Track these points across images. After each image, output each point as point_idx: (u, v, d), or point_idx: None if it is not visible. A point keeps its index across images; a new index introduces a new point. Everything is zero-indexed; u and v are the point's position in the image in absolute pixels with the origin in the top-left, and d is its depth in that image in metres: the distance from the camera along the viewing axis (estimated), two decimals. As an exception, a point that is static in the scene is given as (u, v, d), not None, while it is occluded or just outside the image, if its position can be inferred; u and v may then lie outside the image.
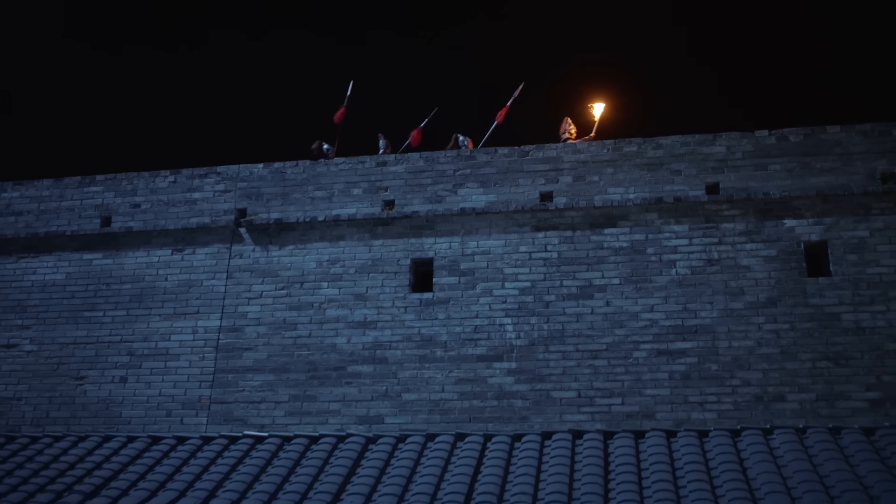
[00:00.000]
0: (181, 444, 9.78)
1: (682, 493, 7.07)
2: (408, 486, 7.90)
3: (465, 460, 8.23)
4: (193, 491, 8.17)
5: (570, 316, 12.05)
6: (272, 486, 8.06)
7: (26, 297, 13.69)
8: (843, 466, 7.23)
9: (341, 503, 7.54)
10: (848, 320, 11.42)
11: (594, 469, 7.74)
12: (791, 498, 6.80)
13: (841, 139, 12.14)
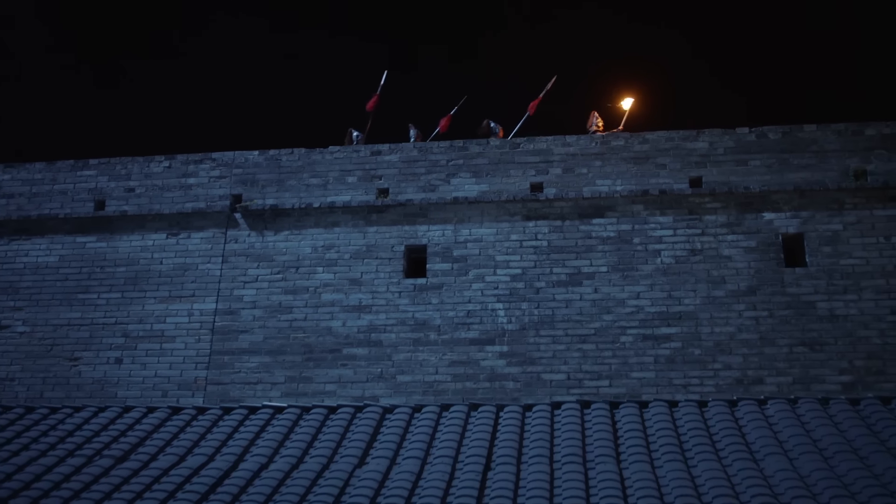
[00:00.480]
0: (176, 414, 10.14)
1: (688, 455, 7.70)
2: (401, 443, 8.45)
3: (453, 426, 8.79)
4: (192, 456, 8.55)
5: (559, 302, 12.66)
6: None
7: (18, 279, 13.93)
8: (833, 431, 7.94)
9: (336, 463, 8.01)
10: (822, 308, 12.19)
11: (573, 432, 8.35)
12: (788, 458, 7.47)
13: (817, 137, 12.95)
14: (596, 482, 7.29)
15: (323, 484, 7.48)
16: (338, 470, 7.85)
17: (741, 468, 7.41)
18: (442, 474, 7.53)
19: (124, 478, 7.85)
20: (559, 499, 6.98)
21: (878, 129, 12.91)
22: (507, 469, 7.60)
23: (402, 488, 7.32)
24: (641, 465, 7.61)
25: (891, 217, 12.53)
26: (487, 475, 7.54)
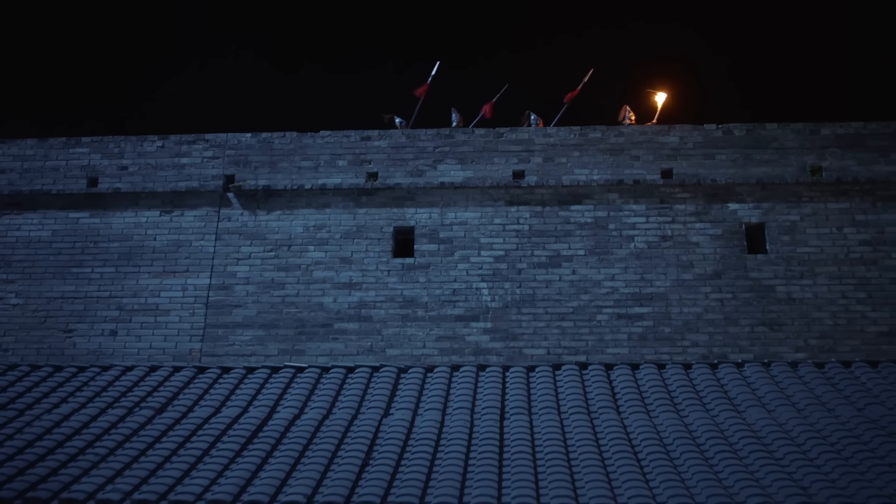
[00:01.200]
0: (178, 373, 10.98)
1: (679, 407, 8.88)
2: (419, 397, 9.47)
3: (465, 383, 9.86)
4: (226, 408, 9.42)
5: (540, 282, 13.80)
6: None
7: (10, 253, 14.52)
8: (802, 388, 9.23)
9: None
10: (781, 292, 13.55)
11: (575, 389, 9.48)
12: (766, 410, 8.71)
13: (778, 135, 14.33)
14: (602, 429, 8.43)
15: (356, 431, 8.47)
16: (367, 419, 8.85)
17: (727, 417, 8.63)
18: (463, 423, 8.58)
19: (168, 426, 8.70)
20: (571, 442, 8.08)
21: (833, 130, 14.34)
22: (520, 418, 8.69)
23: (429, 437, 8.35)
24: (639, 415, 8.77)
25: (843, 210, 13.96)
26: (504, 423, 8.60)
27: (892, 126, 14.39)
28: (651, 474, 7.58)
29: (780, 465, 7.70)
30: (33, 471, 7.91)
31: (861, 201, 13.98)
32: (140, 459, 8.13)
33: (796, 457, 7.83)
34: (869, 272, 13.60)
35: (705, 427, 8.51)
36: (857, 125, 14.45)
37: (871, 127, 14.44)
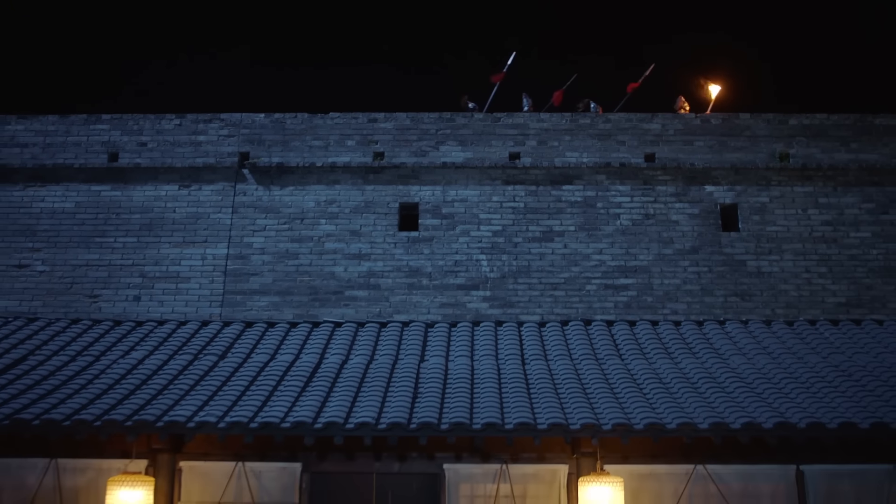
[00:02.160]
0: (205, 327, 12.62)
1: (672, 355, 10.80)
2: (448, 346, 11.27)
3: (487, 335, 11.68)
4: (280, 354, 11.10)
5: (534, 255, 15.65)
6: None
7: (36, 223, 15.96)
8: (776, 341, 11.20)
9: (402, 360, 10.77)
10: (752, 266, 15.56)
11: (582, 340, 11.35)
12: (746, 357, 10.68)
13: (750, 124, 16.35)
14: (610, 372, 10.31)
15: (399, 373, 10.24)
16: (406, 365, 10.62)
17: (713, 363, 10.57)
18: (491, 367, 10.41)
19: (234, 368, 10.39)
20: (585, 381, 9.96)
21: (800, 120, 16.40)
22: (540, 363, 10.54)
23: (464, 376, 10.16)
24: (639, 360, 10.67)
25: (807, 193, 16.02)
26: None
27: (852, 118, 16.50)
28: (654, 402, 9.47)
29: (760, 397, 9.65)
30: (133, 399, 9.55)
31: (823, 186, 16.05)
32: (220, 393, 9.80)
33: (773, 391, 9.78)
34: (829, 249, 15.67)
35: (695, 370, 10.44)
36: (821, 116, 16.54)
37: (834, 118, 16.53)
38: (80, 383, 10.16)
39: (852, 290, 15.30)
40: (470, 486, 9.60)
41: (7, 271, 15.63)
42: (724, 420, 8.93)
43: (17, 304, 15.41)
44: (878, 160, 16.08)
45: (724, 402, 9.47)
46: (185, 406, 9.38)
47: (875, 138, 16.26)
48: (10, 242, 15.84)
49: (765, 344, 11.41)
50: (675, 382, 10.08)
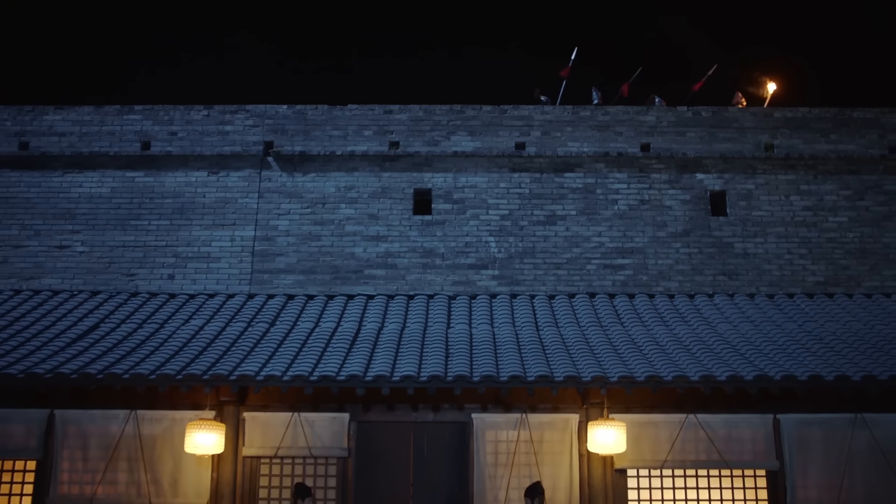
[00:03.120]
0: (251, 299, 14.69)
1: (666, 322, 12.95)
2: (470, 315, 13.35)
3: (503, 306, 13.76)
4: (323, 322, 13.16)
5: (538, 237, 17.76)
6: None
7: (75, 207, 17.93)
8: (757, 311, 13.38)
9: (430, 327, 12.84)
10: (738, 248, 17.73)
11: (588, 310, 13.47)
12: (732, 325, 12.86)
13: (738, 117, 18.51)
14: (613, 336, 12.46)
15: (430, 337, 12.35)
16: (435, 331, 12.73)
17: (703, 329, 12.74)
18: (510, 332, 12.53)
19: (285, 333, 12.46)
20: (592, 343, 12.09)
21: (784, 113, 18.59)
22: (552, 329, 12.68)
23: (486, 340, 12.28)
24: (638, 327, 12.83)
25: (790, 181, 18.20)
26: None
27: (832, 112, 18.72)
28: (652, 360, 11.61)
29: (742, 356, 11.80)
30: (203, 359, 11.60)
31: (805, 174, 18.24)
32: (277, 353, 11.86)
33: (754, 352, 11.95)
34: (810, 233, 17.86)
35: (687, 334, 12.60)
36: (803, 110, 18.74)
37: (815, 112, 18.73)
38: (154, 346, 12.21)
39: (830, 270, 17.50)
40: (494, 433, 11.73)
41: (49, 252, 17.59)
42: (712, 373, 11.06)
43: (59, 282, 17.37)
44: (855, 150, 18.28)
45: (712, 360, 11.61)
46: (249, 363, 11.44)
47: (853, 130, 18.46)
48: (52, 225, 17.79)
49: (748, 314, 13.60)
50: (669, 344, 12.23)
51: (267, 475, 11.88)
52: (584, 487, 11.60)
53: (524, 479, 11.33)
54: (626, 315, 13.65)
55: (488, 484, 11.58)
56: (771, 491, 11.75)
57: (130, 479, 11.73)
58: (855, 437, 11.72)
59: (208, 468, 11.74)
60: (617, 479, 11.70)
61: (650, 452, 11.71)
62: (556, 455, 11.68)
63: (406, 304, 14.18)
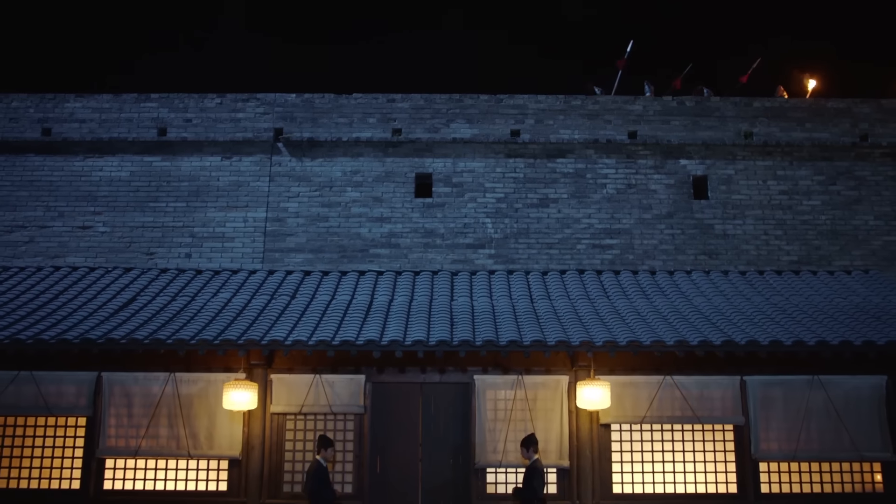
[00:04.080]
0: (272, 275, 16.81)
1: (656, 293, 15.12)
2: (471, 288, 15.46)
3: (500, 281, 15.89)
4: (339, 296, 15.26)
5: (532, 219, 19.90)
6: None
7: (96, 189, 19.98)
8: (731, 286, 15.56)
9: (436, 299, 14.95)
10: (718, 229, 19.91)
11: (577, 284, 15.61)
12: (706, 298, 15.03)
13: (720, 106, 20.67)
14: (599, 307, 14.62)
15: (436, 308, 14.48)
16: (440, 303, 14.86)
17: (681, 302, 14.92)
18: (507, 304, 14.68)
19: (306, 304, 14.58)
20: (581, 314, 14.25)
21: (762, 103, 20.76)
22: (545, 301, 14.84)
23: (486, 310, 14.43)
24: (622, 300, 15.00)
25: (767, 167, 20.38)
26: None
27: (807, 102, 20.92)
28: (633, 328, 13.78)
29: (714, 325, 13.99)
30: (235, 326, 13.72)
31: (781, 160, 20.41)
32: (300, 322, 13.98)
33: (724, 321, 14.13)
34: (785, 215, 20.05)
35: (666, 306, 14.78)
36: (780, 100, 20.93)
37: (792, 102, 20.93)
38: (189, 315, 14.31)
39: (803, 250, 19.71)
40: (494, 392, 13.90)
41: (73, 232, 19.64)
42: (686, 339, 13.23)
43: (82, 261, 19.43)
44: (828, 138, 20.46)
45: (687, 328, 13.78)
46: (277, 330, 13.56)
47: (827, 119, 20.64)
48: (75, 207, 19.84)
49: (721, 288, 15.80)
50: (649, 315, 14.40)
51: (292, 430, 14.02)
52: (573, 439, 13.77)
53: (520, 432, 13.48)
54: (611, 289, 15.81)
55: (488, 437, 13.74)
56: (737, 443, 13.95)
57: (171, 434, 13.85)
58: (811, 396, 13.92)
59: (240, 424, 13.86)
60: (602, 433, 13.88)
61: (631, 409, 13.90)
62: (549, 411, 13.85)
63: (412, 280, 16.27)
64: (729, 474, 13.87)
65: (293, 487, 13.70)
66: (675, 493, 13.78)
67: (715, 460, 13.92)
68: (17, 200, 19.90)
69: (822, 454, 13.84)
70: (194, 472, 13.86)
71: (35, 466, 13.87)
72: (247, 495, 13.62)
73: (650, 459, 13.91)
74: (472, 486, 13.71)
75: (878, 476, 13.88)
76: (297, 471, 13.74)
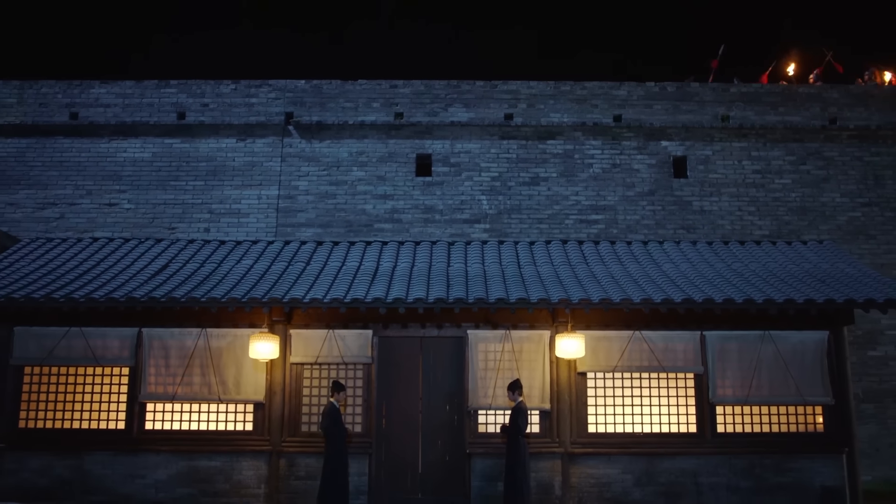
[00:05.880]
0: (287, 245, 19.88)
1: (634, 258, 18.21)
2: (466, 255, 18.55)
3: (492, 248, 18.97)
4: (348, 262, 18.32)
5: (524, 196, 22.98)
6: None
7: (120, 169, 23.08)
8: (697, 254, 18.70)
9: (434, 266, 18.02)
10: (696, 206, 22.99)
11: (576, 251, 18.69)
12: (675, 265, 18.11)
13: (699, 91, 23.72)
14: (578, 271, 17.71)
15: (434, 272, 17.56)
16: (438, 268, 17.95)
17: (651, 268, 18.01)
18: (497, 269, 17.77)
19: (320, 269, 17.69)
20: (562, 277, 17.33)
21: (739, 88, 23.81)
22: (531, 266, 17.94)
23: (478, 274, 17.52)
24: (599, 266, 18.10)
25: (742, 148, 23.43)
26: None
27: (781, 87, 24.00)
28: (607, 288, 16.87)
29: (677, 286, 17.06)
30: (258, 287, 16.83)
31: (756, 142, 23.46)
32: (316, 283, 17.07)
33: (686, 284, 17.20)
34: (758, 193, 23.12)
35: (637, 271, 17.87)
36: (756, 86, 24.01)
37: (766, 87, 24.00)
38: (217, 279, 17.40)
39: (774, 225, 22.78)
40: (485, 345, 16.96)
41: (100, 209, 22.73)
42: (651, 297, 16.28)
43: (109, 235, 22.50)
44: (800, 122, 23.51)
45: (653, 289, 16.84)
46: (296, 290, 16.64)
47: (798, 104, 23.69)
48: (101, 185, 22.94)
49: (689, 256, 18.89)
50: (621, 278, 17.48)
51: (309, 378, 17.10)
52: (554, 386, 16.84)
53: (508, 380, 16.56)
54: (591, 257, 18.90)
55: (480, 384, 16.82)
56: (697, 389, 17.01)
57: (203, 381, 16.93)
58: (763, 349, 16.98)
59: (263, 372, 16.93)
60: (579, 380, 16.94)
61: (605, 360, 16.97)
62: (533, 362, 16.92)
63: (413, 249, 19.34)
64: (689, 416, 16.93)
65: (310, 427, 16.78)
66: (642, 433, 16.84)
67: (677, 404, 16.98)
68: (48, 180, 22.99)
69: (770, 399, 16.90)
70: (224, 415, 16.94)
71: (87, 410, 16.96)
72: (270, 434, 16.69)
73: (621, 403, 16.97)
74: (466, 425, 16.79)
75: (820, 418, 16.95)
76: (314, 413, 16.83)
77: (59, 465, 16.60)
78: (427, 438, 17.01)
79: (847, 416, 16.82)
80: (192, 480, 16.49)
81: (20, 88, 23.65)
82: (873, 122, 23.57)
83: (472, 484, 16.48)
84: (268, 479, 16.50)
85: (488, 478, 16.43)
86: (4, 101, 23.52)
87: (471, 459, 16.58)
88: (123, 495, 16.42)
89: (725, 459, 16.58)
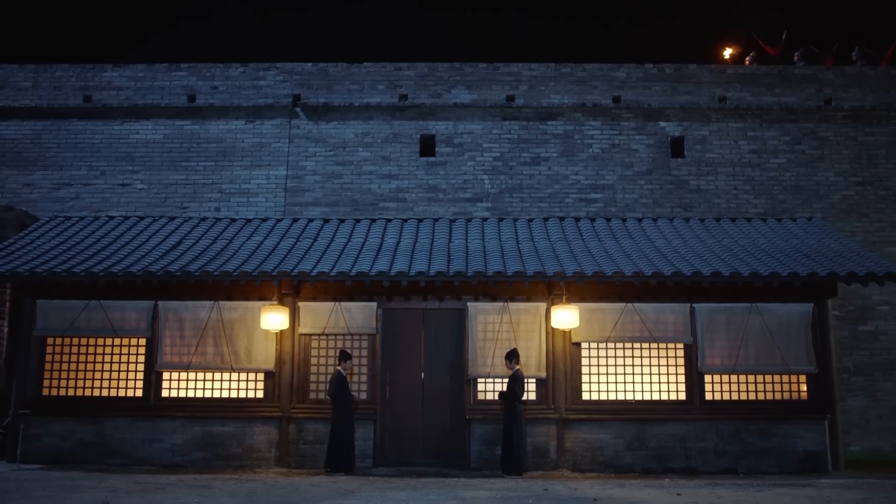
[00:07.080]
0: (296, 222, 21.34)
1: (624, 234, 19.62)
2: (467, 232, 19.99)
3: (491, 226, 20.39)
4: (353, 238, 19.76)
5: (525, 175, 24.39)
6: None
7: (133, 150, 24.57)
8: (689, 230, 20.09)
9: (436, 242, 19.46)
10: (693, 184, 24.38)
11: (573, 228, 20.10)
12: (667, 240, 19.52)
13: (696, 73, 25.07)
14: (574, 247, 19.13)
15: (436, 248, 19.00)
16: (440, 244, 19.39)
17: (644, 244, 19.43)
18: (496, 245, 19.21)
19: (327, 244, 19.15)
20: (558, 251, 18.76)
21: (735, 70, 25.17)
22: (529, 242, 19.37)
23: (478, 249, 18.96)
24: (594, 242, 19.53)
25: (738, 128, 24.79)
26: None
27: (777, 69, 25.34)
28: (600, 262, 18.29)
29: (668, 261, 18.46)
30: (269, 262, 18.28)
31: (752, 122, 24.82)
32: (323, 258, 18.53)
33: (677, 258, 18.61)
34: (753, 172, 24.50)
35: (630, 246, 19.30)
36: (752, 67, 25.37)
37: (763, 69, 25.34)
38: (229, 254, 18.88)
39: (769, 204, 24.17)
40: (484, 317, 18.43)
41: (114, 189, 24.22)
42: (641, 270, 17.69)
43: (123, 212, 23.97)
44: (795, 102, 24.86)
45: (645, 263, 18.26)
46: (304, 264, 18.11)
47: (794, 85, 25.03)
48: (115, 166, 24.42)
49: (681, 232, 20.30)
50: (615, 253, 18.91)
51: (316, 348, 18.59)
52: (550, 355, 18.29)
53: (506, 350, 18.03)
54: (586, 233, 20.34)
55: (479, 353, 18.28)
56: (686, 359, 18.45)
57: (216, 351, 18.42)
58: (749, 320, 18.40)
59: (273, 342, 18.42)
60: (573, 350, 18.39)
61: (598, 330, 18.41)
62: (529, 332, 18.38)
63: (416, 226, 20.81)
64: (679, 384, 18.38)
65: (318, 395, 18.28)
66: (634, 400, 18.30)
67: (668, 373, 18.43)
68: (63, 161, 24.49)
69: (756, 368, 18.33)
70: (236, 383, 18.46)
71: (106, 378, 18.48)
72: (279, 401, 18.20)
73: (614, 372, 18.42)
74: (466, 393, 18.28)
75: (804, 386, 18.38)
76: (322, 381, 18.32)
77: (81, 430, 18.14)
78: (429, 405, 18.50)
79: (830, 384, 18.26)
80: (206, 444, 18.01)
81: (35, 72, 25.13)
82: (867, 103, 24.90)
83: (471, 448, 17.97)
84: (278, 444, 18.01)
85: (487, 442, 17.91)
86: (20, 84, 25.01)
87: (470, 425, 18.07)
88: (142, 458, 17.95)
89: (713, 425, 18.03)
